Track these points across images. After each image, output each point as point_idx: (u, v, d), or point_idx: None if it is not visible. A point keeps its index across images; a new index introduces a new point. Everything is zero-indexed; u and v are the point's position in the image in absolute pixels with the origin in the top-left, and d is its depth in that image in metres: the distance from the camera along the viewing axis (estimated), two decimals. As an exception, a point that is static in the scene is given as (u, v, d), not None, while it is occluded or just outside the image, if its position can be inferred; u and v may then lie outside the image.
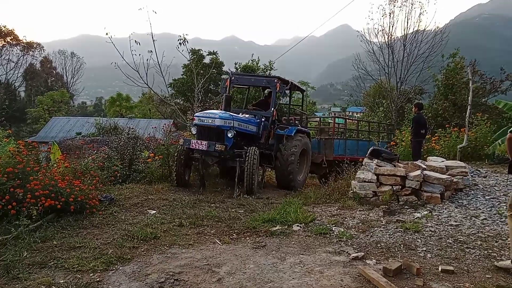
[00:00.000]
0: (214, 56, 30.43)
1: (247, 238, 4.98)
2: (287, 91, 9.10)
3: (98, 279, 3.58)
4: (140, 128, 19.95)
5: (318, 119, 16.87)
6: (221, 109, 8.31)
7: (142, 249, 4.39)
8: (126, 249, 4.35)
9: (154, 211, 6.05)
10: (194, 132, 7.87)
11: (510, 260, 3.99)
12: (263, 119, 8.48)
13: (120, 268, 3.87)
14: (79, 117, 34.87)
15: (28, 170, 5.36)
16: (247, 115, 8.49)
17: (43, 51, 52.88)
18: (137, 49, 13.52)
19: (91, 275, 3.67)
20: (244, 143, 7.90)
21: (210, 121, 7.55)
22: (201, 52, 29.57)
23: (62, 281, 3.50)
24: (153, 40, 13.94)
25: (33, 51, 49.63)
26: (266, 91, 9.69)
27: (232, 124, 7.59)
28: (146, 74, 14.34)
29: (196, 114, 8.05)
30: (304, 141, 9.24)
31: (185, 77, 30.02)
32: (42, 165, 6.27)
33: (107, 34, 12.75)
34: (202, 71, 20.77)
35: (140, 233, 4.82)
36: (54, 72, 57.49)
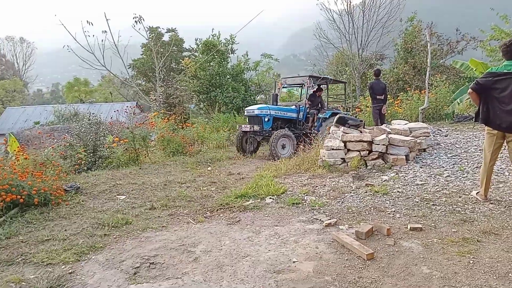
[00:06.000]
0: (174, 33, 29.50)
1: (221, 215, 4.97)
2: (315, 85, 10.94)
3: (70, 271, 3.47)
4: (102, 112, 19.31)
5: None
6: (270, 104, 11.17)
7: (114, 236, 4.29)
8: (97, 238, 4.23)
9: (124, 196, 5.91)
10: (247, 120, 10.76)
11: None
12: (302, 107, 10.69)
13: (93, 257, 3.77)
14: (35, 106, 33.30)
15: (-16, 165, 5.07)
16: (292, 106, 10.96)
17: (-12, 38, 49.64)
18: (91, 30, 12.88)
19: (62, 267, 3.55)
20: (287, 126, 10.44)
21: (252, 112, 10.24)
22: (160, 29, 28.56)
23: (32, 277, 3.37)
24: (107, 19, 13.30)
25: (-23, 39, 46.46)
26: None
27: (268, 113, 10.06)
28: (103, 56, 13.79)
29: (246, 108, 11.18)
30: None
31: (144, 57, 29.01)
32: (-2, 159, 5.94)
33: (55, 15, 12.02)
34: (162, 50, 20.14)
35: (111, 220, 4.70)
36: (4, 60, 54.25)
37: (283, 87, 12.69)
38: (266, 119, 10.01)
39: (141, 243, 4.07)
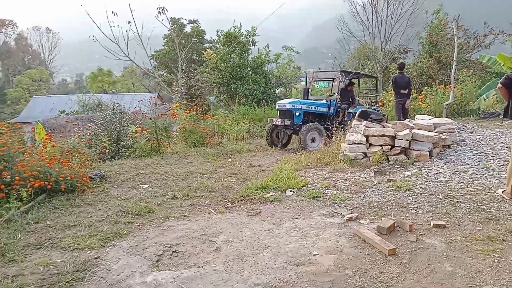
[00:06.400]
0: (195, 24, 29.62)
1: (242, 206, 5.01)
2: (347, 80, 10.85)
3: (95, 256, 3.58)
4: (125, 102, 19.56)
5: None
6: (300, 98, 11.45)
7: (138, 224, 4.39)
8: (121, 225, 4.34)
9: (147, 185, 6.02)
10: (278, 114, 10.81)
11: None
12: (333, 102, 10.62)
13: (117, 243, 3.87)
14: (60, 95, 34.07)
15: (14, 152, 5.24)
16: (323, 101, 10.90)
17: (17, 28, 50.87)
18: (115, 20, 13.05)
19: (88, 252, 3.66)
20: (317, 120, 10.39)
21: (283, 106, 10.33)
22: (182, 20, 28.72)
23: (59, 261, 3.48)
24: (131, 10, 13.46)
25: (5, 29, 47.65)
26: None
27: (300, 107, 10.08)
28: (127, 46, 13.98)
29: (277, 102, 11.22)
30: None
31: (166, 48, 29.29)
32: (27, 146, 6.13)
33: (81, 6, 12.23)
34: (183, 41, 20.26)
35: (134, 208, 4.81)
36: (31, 49, 55.59)
37: (314, 81, 12.73)
38: (297, 114, 10.09)
39: (163, 232, 4.16)
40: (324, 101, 10.90)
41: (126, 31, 13.70)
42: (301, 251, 3.53)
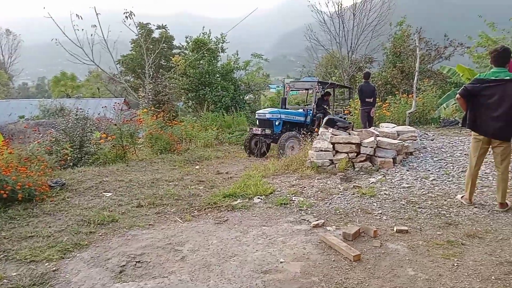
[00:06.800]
0: (164, 30, 29.30)
1: (209, 214, 4.95)
2: (323, 90, 11.30)
3: (54, 269, 3.42)
4: (89, 108, 19.01)
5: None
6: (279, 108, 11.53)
7: (100, 234, 4.24)
8: (82, 235, 4.18)
9: (110, 194, 5.84)
10: (257, 123, 10.95)
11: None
12: (310, 111, 10.97)
13: (78, 255, 3.72)
14: (20, 100, 32.67)
15: (-34, 159, 4.95)
16: (300, 110, 11.30)
17: (-27, 30, 48.47)
18: (80, 24, 12.69)
19: (46, 265, 3.49)
20: (295, 129, 10.69)
21: (263, 116, 10.59)
22: (150, 26, 28.33)
23: (14, 274, 3.31)
24: (97, 14, 13.12)
25: (-38, 30, 45.34)
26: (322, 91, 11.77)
27: (279, 116, 10.42)
28: (92, 51, 13.59)
29: (257, 111, 11.38)
30: None
31: (134, 53, 28.77)
32: (-19, 153, 5.82)
33: (44, 8, 11.81)
34: (151, 46, 19.97)
35: (97, 217, 4.65)
36: (-12, 52, 53.02)
37: (291, 91, 13.32)
38: (277, 123, 10.40)
39: (127, 241, 4.03)
40: (301, 111, 11.23)
41: (91, 35, 13.35)
42: (268, 259, 3.52)
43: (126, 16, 14.31)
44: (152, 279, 3.22)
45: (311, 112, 11.00)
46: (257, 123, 10.94)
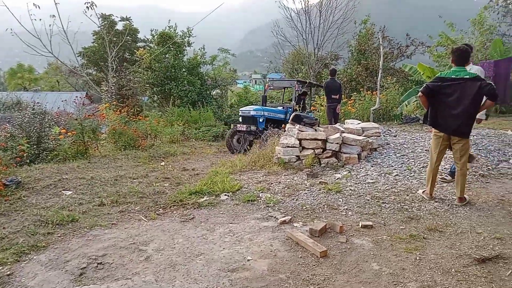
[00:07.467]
0: (128, 22, 28.44)
1: (174, 212, 4.84)
2: (302, 89, 11.56)
3: (8, 273, 3.22)
4: (48, 102, 18.20)
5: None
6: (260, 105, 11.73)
7: (59, 235, 4.05)
8: (39, 236, 3.97)
9: (70, 192, 5.59)
10: (240, 119, 10.96)
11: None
12: (289, 109, 11.13)
13: (34, 257, 3.53)
14: (-27, 92, 30.79)
15: None
16: (280, 107, 11.54)
17: None
18: (38, 14, 12.05)
19: (0, 268, 3.29)
20: (276, 126, 10.54)
21: (248, 113, 10.68)
22: (113, 17, 27.42)
23: (-37, 280, 3.09)
24: (56, 3, 12.51)
25: None
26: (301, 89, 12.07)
27: (263, 114, 10.65)
28: (50, 42, 12.95)
29: (241, 108, 11.53)
30: None
31: (96, 45, 27.79)
32: None
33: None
34: (115, 39, 19.32)
35: (55, 217, 4.43)
36: None
37: (270, 89, 13.72)
38: (260, 120, 10.62)
39: (88, 242, 3.87)
40: (281, 108, 11.55)
41: (50, 25, 12.70)
42: (235, 257, 3.48)
43: (87, 7, 13.71)
44: (114, 281, 3.10)
45: (291, 110, 11.18)
46: (241, 120, 11.02)
